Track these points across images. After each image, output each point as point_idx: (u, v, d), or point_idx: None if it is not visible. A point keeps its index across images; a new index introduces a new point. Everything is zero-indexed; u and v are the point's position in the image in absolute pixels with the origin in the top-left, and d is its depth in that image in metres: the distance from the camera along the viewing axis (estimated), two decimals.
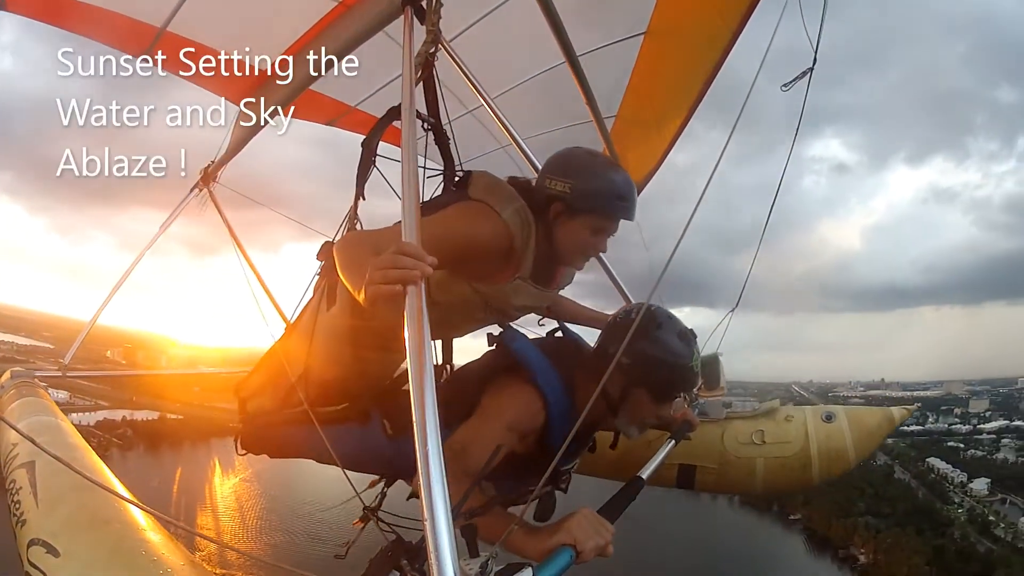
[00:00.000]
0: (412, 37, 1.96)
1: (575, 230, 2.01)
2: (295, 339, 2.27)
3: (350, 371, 2.09)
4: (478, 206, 1.93)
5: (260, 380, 2.42)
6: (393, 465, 2.17)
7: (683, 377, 1.98)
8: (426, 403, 1.26)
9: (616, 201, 2.02)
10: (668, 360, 1.94)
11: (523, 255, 1.96)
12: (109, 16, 2.66)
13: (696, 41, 3.01)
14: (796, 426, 3.07)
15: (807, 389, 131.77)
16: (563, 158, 2.08)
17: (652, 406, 1.98)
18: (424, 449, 1.20)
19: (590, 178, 2.00)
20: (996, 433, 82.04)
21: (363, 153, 2.15)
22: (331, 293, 2.11)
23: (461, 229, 1.87)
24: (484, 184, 1.99)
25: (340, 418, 2.10)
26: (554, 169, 2.04)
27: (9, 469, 2.18)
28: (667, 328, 1.96)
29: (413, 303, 1.37)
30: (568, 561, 1.47)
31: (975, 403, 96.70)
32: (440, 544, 1.10)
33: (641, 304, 2.04)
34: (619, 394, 1.94)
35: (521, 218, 1.93)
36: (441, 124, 2.41)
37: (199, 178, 3.90)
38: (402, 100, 1.80)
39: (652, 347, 1.92)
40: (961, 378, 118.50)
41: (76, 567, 1.59)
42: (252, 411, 2.43)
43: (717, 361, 3.17)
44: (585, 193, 1.98)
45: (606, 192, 2.00)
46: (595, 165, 2.05)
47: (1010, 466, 71.03)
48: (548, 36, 2.63)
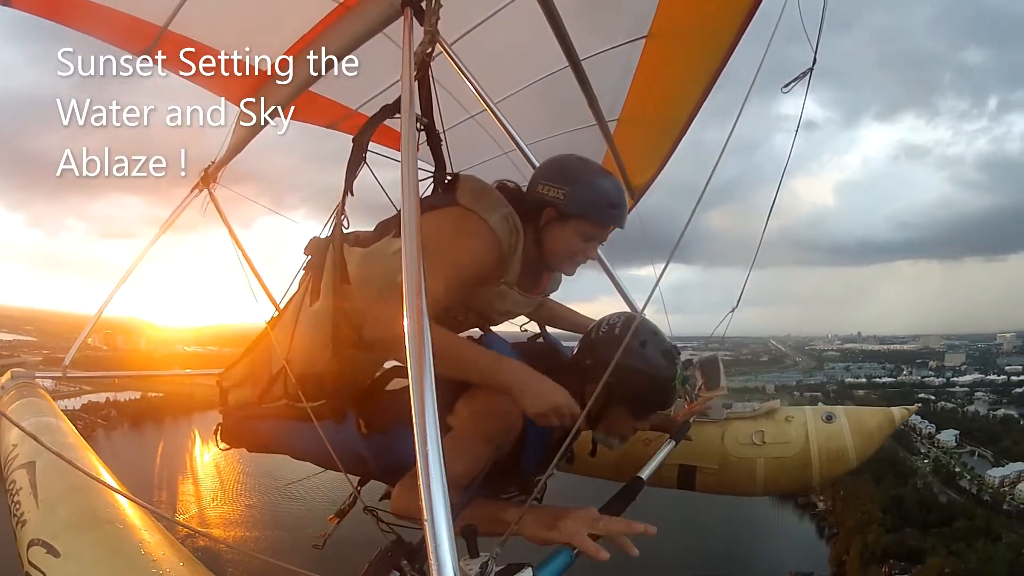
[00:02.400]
0: (411, 38, 1.96)
1: (567, 236, 2.03)
2: (278, 332, 2.27)
3: (329, 367, 2.07)
4: (464, 218, 1.92)
5: (242, 371, 2.42)
6: (366, 465, 2.17)
7: (664, 395, 1.98)
8: (426, 403, 1.26)
9: (608, 209, 2.05)
10: (651, 378, 1.93)
11: (510, 261, 1.97)
12: (111, 14, 2.67)
13: (698, 44, 3.01)
14: (796, 426, 3.06)
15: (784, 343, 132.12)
16: (556, 164, 2.10)
17: (630, 420, 1.99)
18: (424, 449, 1.20)
19: (583, 185, 2.02)
20: (969, 387, 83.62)
21: (353, 149, 2.16)
22: (315, 288, 2.11)
23: (454, 258, 1.86)
24: (471, 189, 1.99)
25: (317, 414, 2.08)
26: (547, 175, 2.06)
27: (9, 470, 2.19)
28: (652, 345, 1.95)
29: (413, 303, 1.38)
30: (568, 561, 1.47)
31: (951, 357, 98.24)
32: (440, 544, 1.10)
33: (624, 314, 2.08)
34: (599, 408, 1.91)
35: (509, 224, 1.94)
36: (435, 125, 2.41)
37: (199, 179, 3.89)
38: (401, 101, 1.80)
39: (636, 364, 1.90)
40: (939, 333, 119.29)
41: (76, 567, 1.59)
42: (233, 403, 2.43)
43: (717, 361, 3.17)
44: (578, 200, 2.00)
45: (599, 200, 2.03)
46: (588, 173, 2.08)
47: (980, 419, 72.02)
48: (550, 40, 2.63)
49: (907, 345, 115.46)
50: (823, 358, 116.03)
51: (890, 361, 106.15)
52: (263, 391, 2.28)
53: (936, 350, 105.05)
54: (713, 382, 3.16)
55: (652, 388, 1.94)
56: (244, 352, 2.45)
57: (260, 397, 2.29)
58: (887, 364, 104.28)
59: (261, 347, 2.36)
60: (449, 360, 1.67)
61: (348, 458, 2.10)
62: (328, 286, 2.07)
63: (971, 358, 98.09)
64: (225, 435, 2.43)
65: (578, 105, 3.12)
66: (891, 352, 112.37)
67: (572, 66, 2.73)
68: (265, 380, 2.27)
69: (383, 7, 2.29)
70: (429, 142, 2.42)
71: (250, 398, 2.35)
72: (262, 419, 2.31)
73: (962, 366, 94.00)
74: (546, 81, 3.47)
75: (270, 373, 2.25)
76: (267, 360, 2.29)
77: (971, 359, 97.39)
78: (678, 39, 3.02)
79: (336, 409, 2.11)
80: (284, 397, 2.17)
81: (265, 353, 2.31)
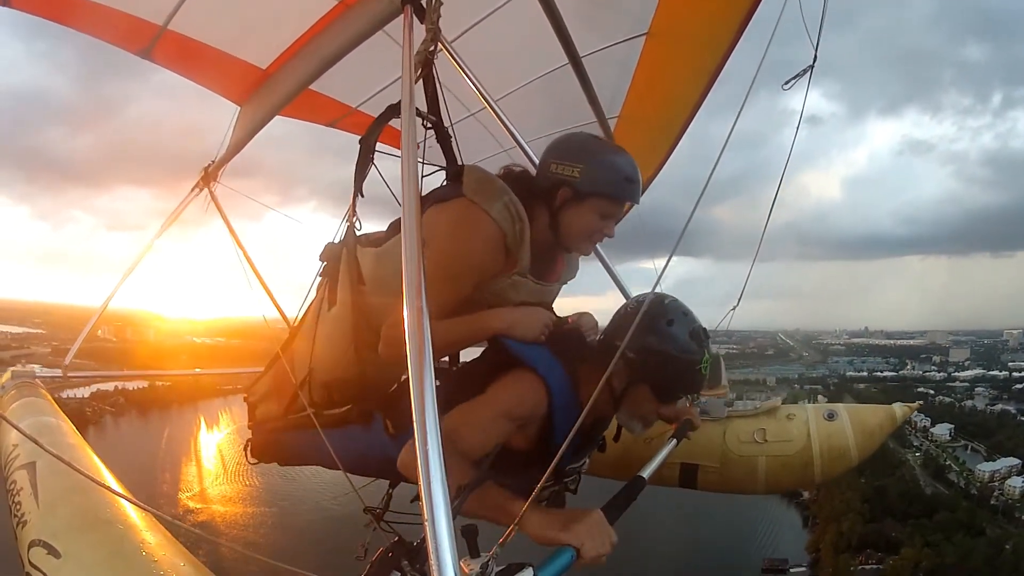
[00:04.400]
0: (412, 36, 1.95)
1: (583, 214, 1.98)
2: (299, 342, 2.26)
3: (352, 372, 2.06)
4: (466, 211, 1.90)
5: (267, 385, 2.41)
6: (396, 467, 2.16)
7: (691, 377, 1.93)
8: (426, 403, 1.26)
9: (625, 184, 2.00)
10: (677, 358, 1.87)
11: (519, 250, 1.94)
12: (110, 13, 2.66)
13: (698, 41, 3.00)
14: (798, 424, 3.06)
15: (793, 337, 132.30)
16: (569, 142, 2.05)
17: (654, 403, 1.94)
18: (424, 449, 1.19)
19: (599, 162, 1.97)
20: (970, 381, 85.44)
21: (361, 151, 2.14)
22: (332, 293, 2.10)
23: (453, 252, 1.86)
24: (474, 180, 1.96)
25: (343, 420, 2.07)
26: (560, 154, 2.00)
27: (10, 470, 2.18)
28: (679, 324, 1.89)
29: (413, 303, 1.37)
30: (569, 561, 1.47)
31: (955, 352, 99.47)
32: (440, 544, 1.10)
33: (654, 294, 1.97)
34: (622, 388, 1.90)
35: (511, 212, 1.91)
36: (442, 123, 2.39)
37: (200, 178, 3.88)
38: (402, 99, 1.79)
39: (662, 343, 1.86)
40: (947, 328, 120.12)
41: (77, 568, 1.59)
42: (260, 417, 2.42)
43: (718, 360, 3.17)
44: (595, 177, 1.95)
45: (616, 175, 1.98)
46: (602, 149, 2.04)
47: (977, 413, 73.53)
48: (551, 37, 2.62)
49: (914, 340, 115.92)
50: (828, 352, 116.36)
51: (895, 356, 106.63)
52: (289, 402, 2.27)
53: (942, 346, 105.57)
54: (714, 380, 3.16)
55: (678, 369, 1.88)
56: (267, 366, 2.42)
57: (287, 409, 2.28)
58: (891, 359, 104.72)
59: (284, 359, 2.33)
60: (444, 340, 1.76)
61: (378, 462, 2.06)
62: (345, 290, 2.06)
63: (976, 354, 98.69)
64: (255, 451, 2.42)
65: (578, 102, 3.12)
66: (897, 347, 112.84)
67: (572, 63, 2.72)
68: (290, 392, 2.25)
69: (383, 5, 2.28)
70: (438, 139, 2.41)
71: (276, 411, 2.33)
72: (290, 431, 2.29)
73: (965, 361, 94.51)
74: (546, 78, 3.46)
75: (294, 384, 2.23)
76: (290, 372, 2.27)
77: (976, 355, 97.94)
78: (678, 37, 3.01)
79: (363, 413, 2.08)
80: (311, 406, 2.14)
81: (288, 364, 2.28)
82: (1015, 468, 56.71)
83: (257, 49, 3.10)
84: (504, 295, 2.01)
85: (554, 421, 1.85)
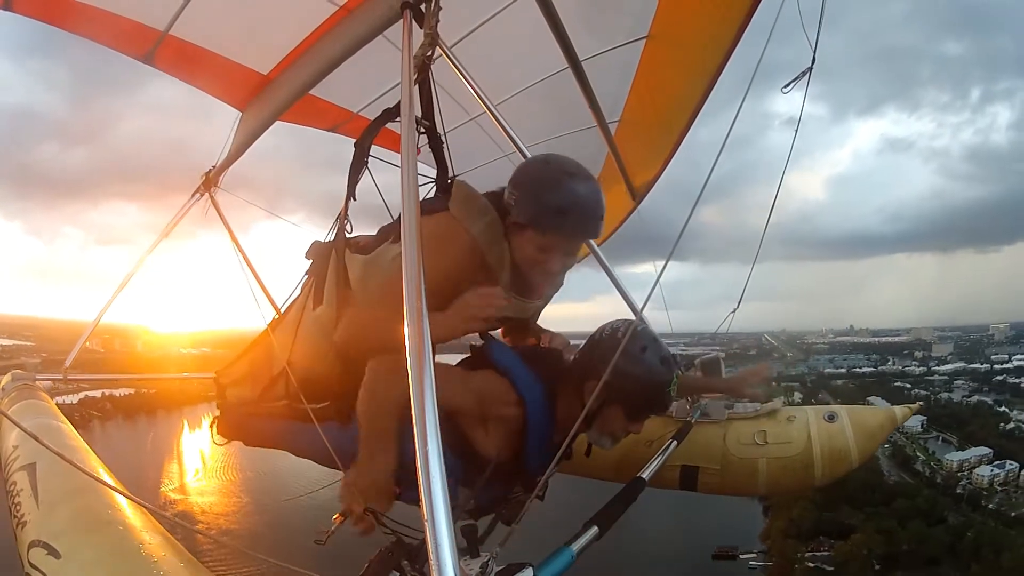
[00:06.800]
0: (411, 40, 1.96)
1: (522, 245, 1.90)
2: (279, 334, 2.27)
3: (332, 371, 2.06)
4: (446, 227, 1.89)
5: (241, 370, 2.42)
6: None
7: (659, 400, 2.00)
8: (426, 403, 1.26)
9: (554, 216, 1.82)
10: (649, 383, 1.95)
11: (499, 269, 1.93)
12: (112, 19, 2.67)
13: (698, 44, 3.01)
14: (798, 426, 3.06)
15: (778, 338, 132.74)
16: (522, 166, 1.99)
17: (624, 422, 2.00)
18: (424, 449, 1.19)
19: (532, 190, 1.85)
20: (950, 375, 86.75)
21: (356, 153, 2.15)
22: (318, 292, 2.11)
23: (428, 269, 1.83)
24: (460, 197, 1.94)
25: (320, 416, 2.07)
26: (512, 178, 1.94)
27: (10, 471, 2.19)
28: (651, 351, 1.96)
29: (413, 304, 1.38)
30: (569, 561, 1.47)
31: (939, 347, 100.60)
32: (440, 544, 1.09)
33: (626, 321, 2.07)
34: (595, 408, 1.92)
35: (492, 232, 1.89)
36: (436, 128, 2.39)
37: (200, 183, 3.88)
38: (401, 103, 1.80)
39: (635, 368, 1.92)
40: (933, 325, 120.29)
41: (77, 568, 1.59)
42: (231, 399, 2.43)
43: (719, 362, 3.17)
44: (524, 207, 1.85)
45: (545, 207, 1.82)
46: (544, 176, 1.88)
47: (952, 405, 75.07)
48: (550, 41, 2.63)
49: (900, 337, 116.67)
50: (811, 351, 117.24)
51: (877, 353, 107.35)
52: (264, 390, 2.28)
53: (927, 341, 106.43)
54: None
55: (648, 391, 1.95)
56: (244, 350, 2.45)
57: (260, 396, 2.29)
58: (872, 355, 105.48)
59: (262, 347, 2.36)
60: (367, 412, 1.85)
61: (353, 459, 2.05)
62: (331, 292, 2.07)
63: (960, 348, 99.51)
64: (222, 428, 2.42)
65: (578, 107, 3.12)
66: (880, 344, 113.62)
67: (572, 67, 2.73)
68: (266, 380, 2.27)
69: (383, 9, 2.29)
70: (431, 145, 2.41)
71: (250, 396, 2.35)
72: (262, 417, 2.30)
73: (948, 356, 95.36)
74: (546, 83, 3.47)
75: (271, 373, 2.25)
76: (268, 360, 2.29)
77: (961, 349, 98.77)
78: (678, 40, 3.02)
79: (341, 411, 2.08)
80: (285, 397, 2.16)
81: (266, 353, 2.31)
82: (985, 457, 57.97)
83: (258, 54, 3.11)
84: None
85: (530, 433, 1.93)
